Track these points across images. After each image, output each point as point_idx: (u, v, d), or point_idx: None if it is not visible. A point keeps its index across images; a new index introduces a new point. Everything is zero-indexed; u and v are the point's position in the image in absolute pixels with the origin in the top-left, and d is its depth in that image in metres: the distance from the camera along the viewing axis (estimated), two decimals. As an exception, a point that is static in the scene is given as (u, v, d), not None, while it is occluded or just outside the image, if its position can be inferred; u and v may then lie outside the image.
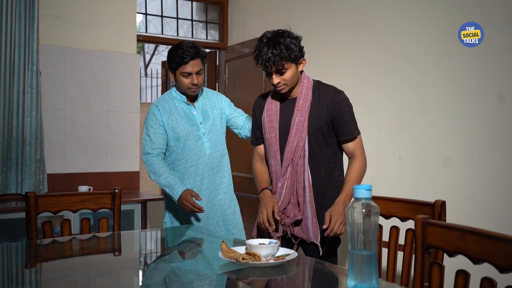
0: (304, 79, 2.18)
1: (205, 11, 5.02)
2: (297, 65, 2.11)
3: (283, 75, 2.07)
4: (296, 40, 2.07)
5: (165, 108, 2.57)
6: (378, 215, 1.32)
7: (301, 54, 2.10)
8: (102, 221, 2.33)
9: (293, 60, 2.06)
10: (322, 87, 2.20)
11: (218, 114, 2.65)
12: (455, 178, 2.68)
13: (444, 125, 2.70)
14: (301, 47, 2.09)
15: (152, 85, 10.89)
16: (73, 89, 3.96)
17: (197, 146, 2.55)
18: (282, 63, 2.03)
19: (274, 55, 2.01)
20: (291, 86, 2.14)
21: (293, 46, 2.03)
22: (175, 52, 2.48)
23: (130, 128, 4.21)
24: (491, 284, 1.32)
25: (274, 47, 2.01)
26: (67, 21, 3.92)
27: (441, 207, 1.84)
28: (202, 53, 2.53)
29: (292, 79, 2.10)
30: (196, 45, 2.52)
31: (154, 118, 2.55)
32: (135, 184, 4.24)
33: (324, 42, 3.62)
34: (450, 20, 2.64)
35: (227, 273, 1.65)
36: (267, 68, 2.07)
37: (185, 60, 2.46)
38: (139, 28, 4.77)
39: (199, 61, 2.51)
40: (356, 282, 1.30)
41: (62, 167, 3.90)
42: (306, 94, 2.15)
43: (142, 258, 2.02)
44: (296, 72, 2.11)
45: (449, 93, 2.68)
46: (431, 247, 1.52)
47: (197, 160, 2.55)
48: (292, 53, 2.03)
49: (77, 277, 1.69)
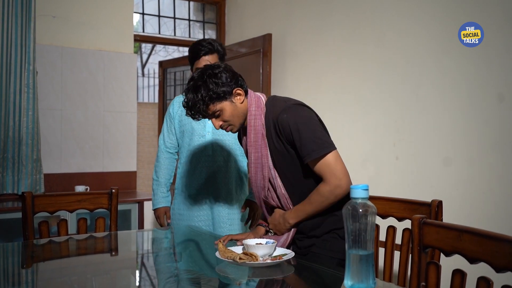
0: (251, 105, 1.84)
1: (202, 11, 5.02)
2: (232, 100, 1.81)
3: (220, 117, 1.81)
4: (217, 77, 1.78)
5: (181, 102, 2.60)
6: (375, 215, 1.32)
7: (231, 87, 1.80)
8: (99, 221, 2.33)
9: (221, 99, 1.78)
10: (271, 107, 1.84)
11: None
12: (452, 178, 2.68)
13: (443, 125, 2.70)
14: (227, 80, 1.79)
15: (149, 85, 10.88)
16: (70, 89, 3.95)
17: (201, 144, 2.55)
18: (205, 108, 1.78)
19: (195, 102, 1.77)
20: (239, 123, 1.85)
21: (213, 86, 1.76)
22: (193, 48, 2.50)
23: (127, 128, 4.21)
24: (488, 283, 1.32)
25: (194, 92, 1.78)
26: (64, 20, 3.91)
27: (437, 207, 1.84)
28: (219, 49, 2.48)
29: (234, 117, 1.82)
30: (214, 42, 2.49)
31: (169, 112, 2.66)
32: (132, 184, 4.24)
33: (321, 41, 3.62)
34: (450, 20, 2.62)
35: (224, 273, 1.65)
36: (195, 117, 1.83)
37: (199, 55, 2.45)
38: (136, 27, 4.76)
39: (215, 57, 2.47)
40: (353, 282, 1.30)
41: (59, 167, 3.89)
42: (256, 124, 1.82)
43: (139, 258, 2.02)
44: (234, 107, 1.81)
45: (449, 93, 2.67)
46: (428, 246, 1.52)
47: (199, 158, 2.55)
48: (213, 92, 1.76)
49: (74, 277, 1.69)
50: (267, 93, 4.04)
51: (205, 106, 1.78)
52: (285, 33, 4.00)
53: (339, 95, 3.45)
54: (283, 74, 4.03)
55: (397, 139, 3.00)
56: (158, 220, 2.67)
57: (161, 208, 2.64)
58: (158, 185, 2.65)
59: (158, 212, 2.65)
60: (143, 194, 4.21)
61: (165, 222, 2.64)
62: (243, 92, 1.84)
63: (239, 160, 2.60)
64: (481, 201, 2.54)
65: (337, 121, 3.45)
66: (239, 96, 1.82)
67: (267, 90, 4.04)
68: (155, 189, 2.66)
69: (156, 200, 2.65)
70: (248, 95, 1.87)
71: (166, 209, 2.65)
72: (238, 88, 1.82)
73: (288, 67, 3.99)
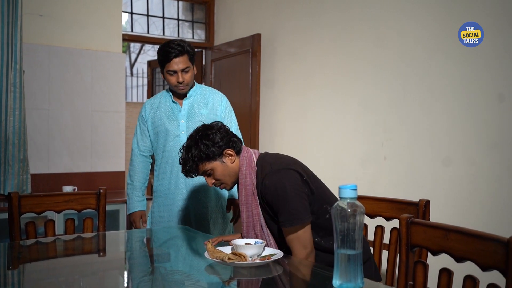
0: (242, 164, 1.89)
1: (191, 11, 5.01)
2: (222, 160, 1.87)
3: (212, 176, 1.89)
4: (208, 138, 1.86)
5: (152, 104, 2.63)
6: (363, 214, 1.33)
7: (221, 148, 1.86)
8: (87, 221, 2.31)
9: (210, 159, 1.85)
10: (260, 168, 1.87)
11: (208, 114, 2.55)
12: (440, 177, 2.71)
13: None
14: (218, 141, 1.86)
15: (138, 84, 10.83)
16: (57, 88, 3.92)
17: (175, 144, 2.52)
18: (195, 167, 1.86)
19: (186, 161, 1.87)
20: (231, 181, 1.92)
21: (203, 146, 1.84)
22: (162, 50, 2.47)
23: (116, 128, 4.19)
24: (474, 282, 1.34)
25: (186, 152, 1.88)
26: (52, 19, 3.87)
27: (425, 207, 1.86)
28: (189, 50, 2.47)
29: (226, 175, 1.89)
30: (183, 43, 2.48)
31: (141, 115, 2.64)
32: (120, 184, 4.22)
33: (310, 40, 3.63)
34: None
35: (213, 273, 1.64)
36: (189, 175, 1.90)
37: (169, 57, 2.43)
38: (124, 27, 4.74)
39: (186, 58, 2.46)
40: (341, 281, 1.31)
41: (46, 167, 3.86)
42: (247, 183, 1.86)
43: (127, 258, 2.01)
44: (225, 167, 1.88)
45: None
46: (416, 246, 1.53)
47: (173, 159, 2.52)
48: (202, 152, 1.84)
49: (61, 278, 1.67)
50: (255, 93, 4.04)
51: (195, 165, 1.86)
52: (274, 33, 4.00)
53: (328, 94, 3.47)
54: (272, 74, 4.04)
55: (385, 139, 3.02)
56: (134, 225, 2.63)
57: (137, 212, 2.61)
58: (133, 189, 2.62)
59: (134, 216, 2.62)
60: (132, 194, 4.19)
61: (141, 226, 2.62)
62: (234, 153, 1.90)
63: None
64: (468, 200, 2.56)
65: (326, 120, 3.46)
66: (230, 157, 1.88)
67: (256, 89, 4.04)
68: (129, 193, 2.64)
69: (131, 205, 2.62)
70: (241, 153, 1.91)
71: (141, 213, 2.63)
72: (228, 149, 1.88)
73: (277, 67, 3.99)
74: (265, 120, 4.11)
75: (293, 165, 1.85)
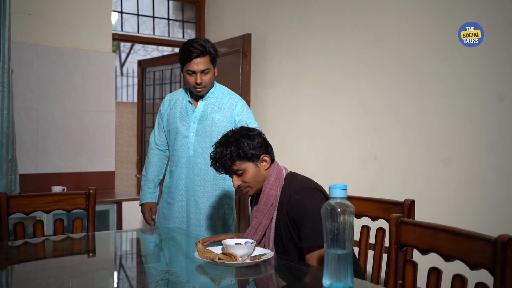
0: (271, 175, 1.89)
1: (181, 10, 4.99)
2: (257, 164, 1.87)
3: (241, 177, 1.87)
4: (250, 138, 1.86)
5: (171, 100, 2.65)
6: (353, 214, 1.33)
7: (260, 152, 1.87)
8: (76, 221, 2.30)
9: (247, 159, 1.84)
10: (290, 183, 1.87)
11: (221, 119, 2.50)
12: (428, 177, 2.72)
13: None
14: (258, 144, 1.87)
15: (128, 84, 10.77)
16: (46, 88, 3.89)
17: (183, 144, 2.53)
18: (230, 164, 1.84)
19: (222, 156, 1.84)
20: (257, 188, 1.90)
21: (244, 144, 1.84)
22: (184, 48, 2.44)
23: (106, 128, 4.16)
24: (462, 281, 1.35)
25: (224, 146, 1.85)
26: (41, 18, 3.85)
27: (410, 206, 1.87)
28: (211, 51, 2.44)
29: (255, 179, 1.87)
30: (206, 43, 2.43)
31: (160, 109, 2.67)
32: (110, 184, 4.19)
33: (301, 40, 3.64)
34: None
35: (203, 273, 1.64)
36: (219, 170, 1.89)
37: (190, 57, 2.40)
38: (114, 26, 4.71)
39: (207, 60, 2.42)
40: (331, 281, 1.31)
41: (35, 167, 3.83)
42: (270, 194, 1.86)
43: (117, 259, 2.00)
44: (257, 172, 1.87)
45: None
46: (405, 245, 1.54)
47: (179, 159, 2.53)
48: (242, 150, 1.83)
49: (50, 279, 1.66)
50: (246, 93, 4.04)
51: (231, 162, 1.84)
52: (265, 33, 4.00)
53: (319, 94, 3.47)
54: (262, 74, 4.04)
55: (375, 139, 3.03)
56: (143, 216, 2.68)
57: (147, 203, 2.66)
58: (146, 181, 2.67)
59: (143, 207, 2.67)
60: (122, 194, 4.18)
61: (150, 217, 2.65)
62: (270, 161, 1.90)
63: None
64: (457, 200, 2.58)
65: (316, 120, 3.47)
66: (265, 163, 1.89)
67: (247, 89, 4.04)
68: (142, 184, 2.69)
69: (143, 196, 2.67)
70: (273, 164, 1.92)
71: (151, 205, 2.66)
72: (266, 155, 1.89)
73: (267, 66, 3.99)
74: (256, 120, 4.10)
75: (321, 188, 1.86)
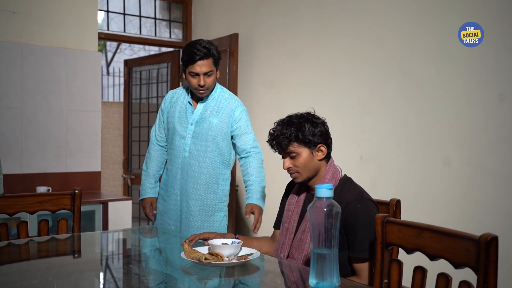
0: (327, 172, 1.85)
1: (168, 10, 4.97)
2: (312, 151, 1.83)
3: (294, 160, 1.83)
4: (313, 124, 1.82)
5: (172, 97, 2.65)
6: (339, 214, 1.34)
7: (319, 140, 1.82)
8: (61, 222, 2.28)
9: (304, 144, 1.81)
10: (346, 188, 1.83)
11: (218, 124, 2.49)
12: (414, 177, 2.75)
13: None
14: (319, 133, 1.82)
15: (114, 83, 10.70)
16: (31, 87, 3.84)
17: (180, 145, 2.53)
18: (287, 143, 1.81)
19: (281, 134, 1.81)
20: (306, 176, 1.85)
21: (306, 128, 1.80)
22: (187, 49, 2.43)
23: (91, 127, 4.13)
24: (447, 279, 1.36)
25: (285, 126, 1.83)
26: (25, 16, 3.80)
27: (396, 206, 1.88)
28: (214, 54, 2.43)
29: (306, 166, 1.83)
30: (209, 45, 2.43)
31: (162, 104, 2.68)
32: (96, 184, 4.16)
33: (288, 39, 3.65)
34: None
35: (190, 273, 1.64)
36: (274, 148, 1.87)
37: (194, 59, 2.39)
38: (100, 25, 4.68)
39: (210, 62, 2.42)
40: (317, 280, 1.32)
41: (19, 168, 3.78)
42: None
43: (103, 260, 1.98)
44: (311, 159, 1.82)
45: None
46: (391, 244, 1.55)
47: (175, 159, 2.55)
48: (302, 134, 1.80)
49: (35, 280, 1.64)
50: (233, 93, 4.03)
51: (288, 142, 1.81)
52: (252, 33, 4.00)
53: (306, 93, 3.48)
54: (249, 74, 4.04)
55: (361, 139, 3.05)
56: (144, 211, 2.68)
57: (147, 198, 2.66)
58: (147, 176, 2.68)
59: (144, 202, 2.67)
60: (108, 194, 4.15)
61: (150, 212, 2.65)
62: (326, 153, 1.85)
63: (215, 167, 2.52)
64: (441, 199, 2.61)
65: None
66: (320, 153, 1.84)
67: (234, 89, 4.04)
68: (143, 179, 2.69)
69: (144, 191, 2.68)
70: (330, 161, 1.88)
71: (152, 200, 2.67)
72: (323, 145, 1.84)
73: (254, 66, 4.00)
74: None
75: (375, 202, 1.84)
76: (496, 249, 1.24)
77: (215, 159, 2.52)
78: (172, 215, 2.58)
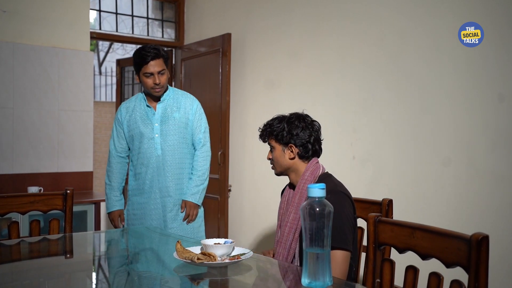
0: (307, 170, 1.94)
1: (161, 9, 4.96)
2: (284, 149, 1.95)
3: (271, 152, 2.01)
4: (291, 125, 1.94)
5: (128, 108, 2.73)
6: (331, 214, 1.34)
7: (289, 140, 1.93)
8: (53, 222, 2.26)
9: (276, 140, 1.96)
10: (322, 181, 1.89)
11: (181, 118, 2.66)
12: (406, 177, 2.76)
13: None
14: (294, 134, 1.93)
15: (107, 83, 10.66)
16: (22, 87, 3.82)
17: (150, 146, 2.64)
18: (267, 137, 2.00)
19: (268, 126, 2.00)
20: (279, 170, 2.00)
21: (283, 127, 1.94)
22: (138, 54, 2.59)
23: (84, 127, 4.11)
24: (438, 278, 1.37)
25: (276, 121, 1.99)
26: (16, 16, 3.77)
27: (388, 206, 1.89)
28: (164, 54, 2.61)
29: (277, 162, 1.98)
30: (158, 47, 2.61)
31: (117, 118, 2.74)
32: (88, 184, 4.14)
33: (281, 39, 3.65)
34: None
35: (182, 273, 1.63)
36: (262, 137, 2.03)
37: (146, 60, 2.54)
38: (93, 25, 4.65)
39: (161, 62, 2.58)
40: (310, 280, 1.32)
41: (11, 168, 3.76)
42: (304, 189, 1.90)
43: (95, 260, 1.97)
44: (281, 155, 1.96)
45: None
46: (383, 244, 1.56)
47: (148, 160, 2.65)
48: (276, 131, 1.95)
49: (26, 281, 1.63)
50: (226, 93, 4.04)
51: (268, 134, 2.00)
52: (245, 33, 4.00)
53: (298, 92, 3.49)
54: (242, 74, 4.04)
55: (354, 139, 3.06)
56: (112, 223, 2.76)
57: (115, 211, 2.73)
58: (111, 189, 2.74)
59: (112, 215, 2.74)
60: (100, 194, 4.12)
61: (119, 224, 2.75)
62: (296, 154, 1.94)
63: (189, 157, 2.70)
64: (435, 199, 2.62)
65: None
66: (289, 152, 1.95)
67: (227, 89, 4.04)
68: (108, 193, 2.75)
69: (110, 204, 2.74)
70: (312, 160, 1.96)
71: (120, 212, 2.75)
72: (294, 146, 1.94)
73: (247, 66, 4.00)
74: (235, 120, 4.10)
75: (351, 197, 1.88)
76: (487, 248, 1.25)
77: (185, 151, 2.68)
78: (154, 215, 2.67)
